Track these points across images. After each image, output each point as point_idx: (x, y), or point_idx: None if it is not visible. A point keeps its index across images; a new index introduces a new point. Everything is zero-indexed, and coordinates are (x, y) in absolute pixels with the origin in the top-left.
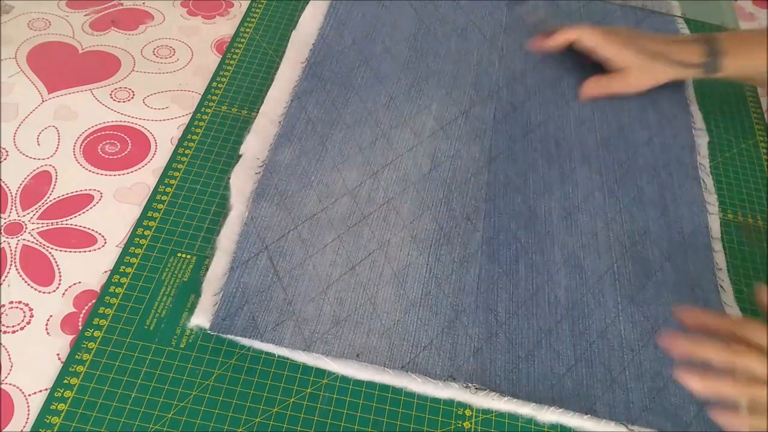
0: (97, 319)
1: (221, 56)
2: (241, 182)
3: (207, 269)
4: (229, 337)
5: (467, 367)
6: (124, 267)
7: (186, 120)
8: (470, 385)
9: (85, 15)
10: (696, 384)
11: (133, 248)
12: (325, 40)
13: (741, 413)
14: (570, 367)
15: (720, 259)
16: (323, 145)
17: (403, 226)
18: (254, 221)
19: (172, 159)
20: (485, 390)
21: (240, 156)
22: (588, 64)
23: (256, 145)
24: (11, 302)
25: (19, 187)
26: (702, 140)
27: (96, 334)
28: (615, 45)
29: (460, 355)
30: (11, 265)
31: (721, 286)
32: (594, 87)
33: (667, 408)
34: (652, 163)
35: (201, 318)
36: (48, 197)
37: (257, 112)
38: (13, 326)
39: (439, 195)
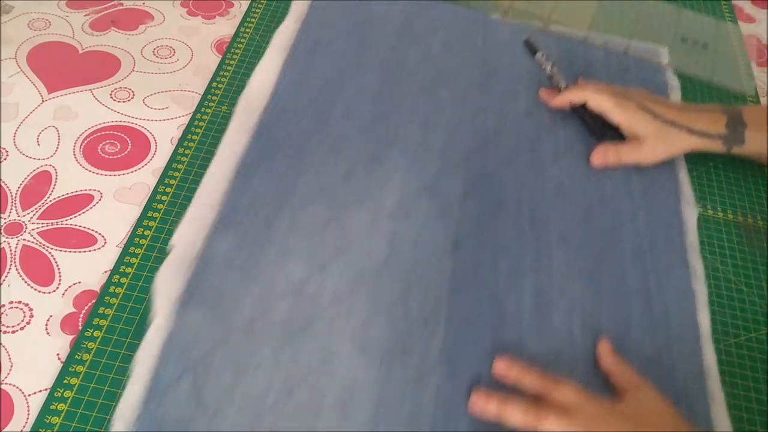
0: (97, 319)
1: (221, 56)
2: (169, 284)
3: (120, 396)
4: None
5: None
6: (124, 267)
7: (186, 120)
8: None
9: (85, 15)
10: None
11: (133, 248)
12: (279, 100)
13: None
14: None
15: (711, 362)
16: (268, 229)
17: (352, 334)
18: (179, 333)
19: (172, 159)
20: None
21: (169, 251)
22: (570, 121)
23: (189, 235)
24: (11, 302)
25: (19, 187)
26: (691, 215)
27: (96, 334)
28: (627, 111)
29: None
30: (11, 265)
31: (712, 396)
32: (603, 157)
33: None
34: (637, 243)
35: None
36: (48, 197)
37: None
38: (13, 326)
39: (395, 293)
